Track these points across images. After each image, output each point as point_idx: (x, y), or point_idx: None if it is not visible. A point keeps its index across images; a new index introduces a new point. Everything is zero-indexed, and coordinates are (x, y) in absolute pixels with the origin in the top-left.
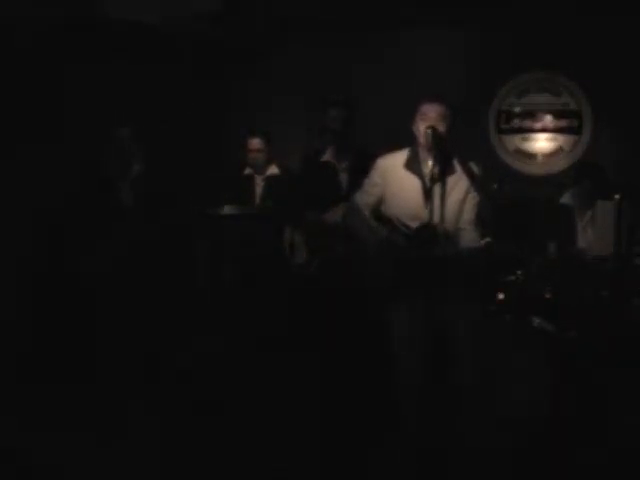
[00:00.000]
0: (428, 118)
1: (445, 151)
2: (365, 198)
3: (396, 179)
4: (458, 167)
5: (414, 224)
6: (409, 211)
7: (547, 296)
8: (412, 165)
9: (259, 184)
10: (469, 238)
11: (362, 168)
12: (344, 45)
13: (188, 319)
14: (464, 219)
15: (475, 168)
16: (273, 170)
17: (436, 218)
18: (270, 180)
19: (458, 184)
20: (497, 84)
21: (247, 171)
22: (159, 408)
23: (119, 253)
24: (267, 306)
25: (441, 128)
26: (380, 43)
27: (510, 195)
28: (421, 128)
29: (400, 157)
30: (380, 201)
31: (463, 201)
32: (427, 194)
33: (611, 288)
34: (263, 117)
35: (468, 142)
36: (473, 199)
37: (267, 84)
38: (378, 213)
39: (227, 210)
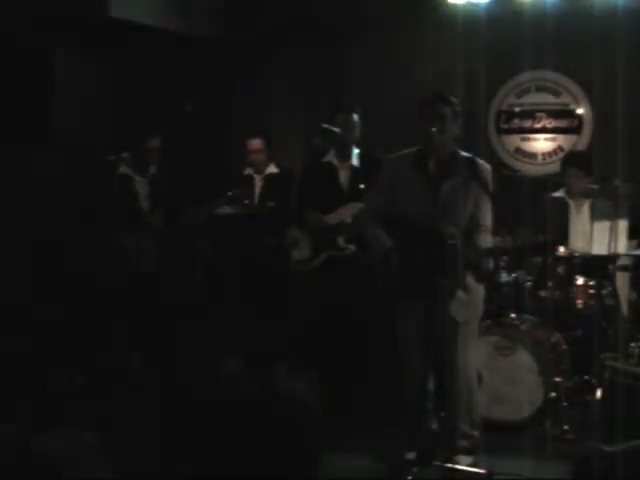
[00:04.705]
0: (426, 118)
1: (443, 152)
2: (375, 200)
3: (404, 178)
4: (468, 168)
5: (421, 223)
6: (416, 210)
7: (545, 295)
8: (420, 164)
9: (258, 184)
10: (481, 239)
11: (365, 170)
12: (344, 45)
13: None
14: (477, 221)
15: (484, 168)
16: (272, 169)
17: (442, 218)
18: (269, 179)
19: (467, 185)
20: (497, 84)
21: (247, 171)
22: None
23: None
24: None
25: (440, 127)
26: (380, 43)
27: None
28: (421, 128)
29: (409, 156)
30: (390, 201)
31: (473, 202)
32: (433, 194)
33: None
34: (263, 117)
35: (468, 142)
36: (486, 202)
37: (267, 84)
38: (390, 214)
39: (227, 210)
